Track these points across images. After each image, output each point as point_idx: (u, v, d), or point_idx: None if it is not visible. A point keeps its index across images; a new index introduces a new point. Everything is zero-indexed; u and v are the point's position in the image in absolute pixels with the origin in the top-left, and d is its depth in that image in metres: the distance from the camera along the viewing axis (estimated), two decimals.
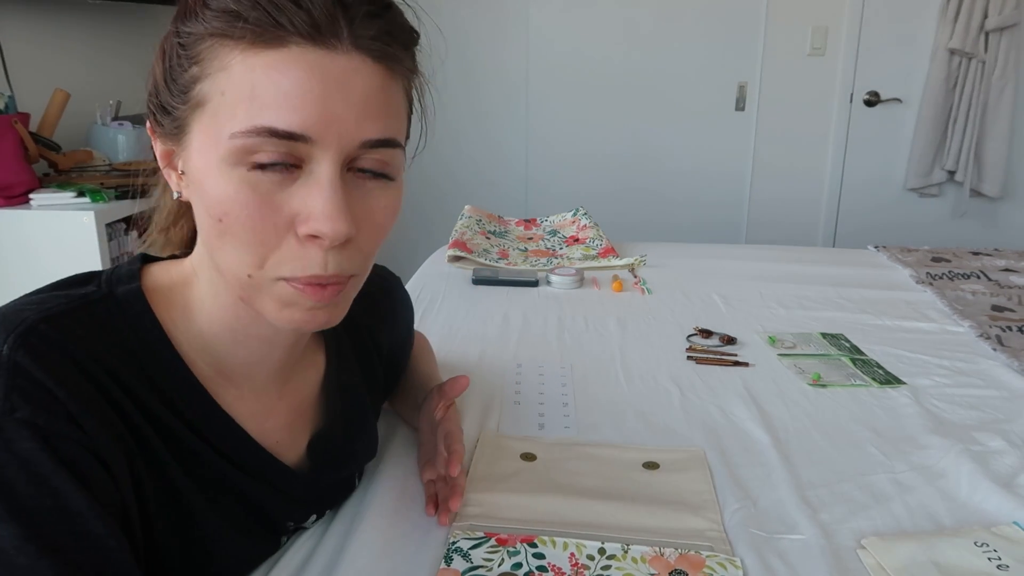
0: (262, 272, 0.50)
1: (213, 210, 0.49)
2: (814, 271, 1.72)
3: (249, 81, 0.47)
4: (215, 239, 0.50)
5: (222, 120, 0.48)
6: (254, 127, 0.47)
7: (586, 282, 1.62)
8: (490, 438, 0.91)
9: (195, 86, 0.49)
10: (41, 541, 0.43)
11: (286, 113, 0.47)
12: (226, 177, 0.48)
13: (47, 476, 0.44)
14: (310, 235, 0.49)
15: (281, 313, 0.52)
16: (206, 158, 0.49)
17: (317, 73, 0.47)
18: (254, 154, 0.47)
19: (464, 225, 1.88)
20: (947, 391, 1.09)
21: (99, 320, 0.52)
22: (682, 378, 1.12)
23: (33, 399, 0.46)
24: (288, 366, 0.65)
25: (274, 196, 0.48)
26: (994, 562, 0.69)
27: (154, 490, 0.53)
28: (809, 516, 0.77)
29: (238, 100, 0.47)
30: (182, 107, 0.50)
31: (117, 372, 0.51)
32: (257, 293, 0.52)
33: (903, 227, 3.00)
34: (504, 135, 3.13)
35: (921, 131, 2.87)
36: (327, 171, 0.48)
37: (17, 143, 1.65)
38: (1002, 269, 1.72)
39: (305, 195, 0.49)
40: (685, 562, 0.68)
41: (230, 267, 0.51)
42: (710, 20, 2.91)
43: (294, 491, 0.66)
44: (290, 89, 0.47)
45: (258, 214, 0.48)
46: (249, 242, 0.49)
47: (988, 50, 2.73)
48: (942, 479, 0.85)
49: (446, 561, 0.68)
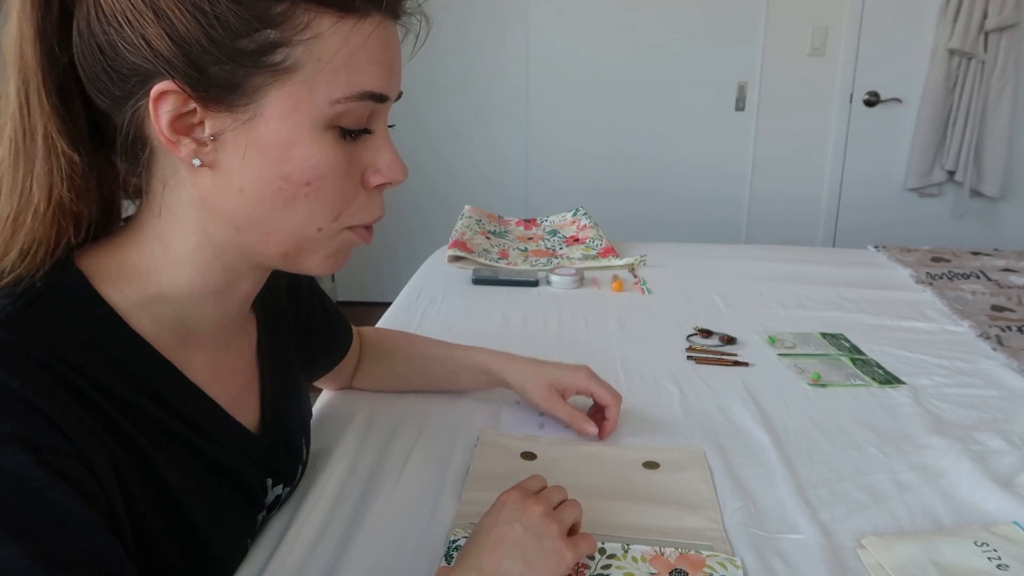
0: (335, 224, 0.55)
1: (300, 175, 0.52)
2: (814, 271, 1.72)
3: (347, 49, 0.50)
4: (281, 202, 0.52)
5: (319, 86, 0.50)
6: (358, 92, 0.51)
7: (586, 282, 1.62)
8: (490, 437, 0.91)
9: (277, 51, 0.48)
10: (47, 558, 0.41)
11: (380, 78, 0.53)
12: (320, 142, 0.52)
13: (44, 491, 0.43)
14: (383, 183, 0.56)
15: (328, 261, 0.57)
16: (295, 124, 0.50)
17: (393, 42, 0.54)
18: (346, 118, 0.52)
19: (464, 225, 1.88)
20: (947, 391, 1.09)
21: (50, 315, 0.49)
22: (682, 378, 1.12)
23: (12, 412, 0.43)
24: (240, 322, 0.66)
25: (355, 156, 0.54)
26: (994, 562, 0.69)
27: (140, 487, 0.52)
28: (809, 516, 0.77)
29: (337, 67, 0.50)
30: (250, 70, 0.48)
31: (83, 367, 0.49)
32: (315, 246, 0.56)
33: (903, 227, 3.01)
34: (504, 135, 3.13)
35: (921, 131, 2.87)
36: (385, 127, 0.56)
37: None
38: (1002, 269, 1.72)
39: (373, 150, 0.55)
40: (685, 562, 0.69)
41: (293, 226, 0.54)
42: (710, 20, 2.92)
43: (255, 455, 0.65)
44: (380, 56, 0.52)
45: (346, 174, 0.54)
46: (335, 200, 0.54)
47: (988, 50, 2.74)
48: (942, 479, 0.85)
49: (446, 560, 0.68)
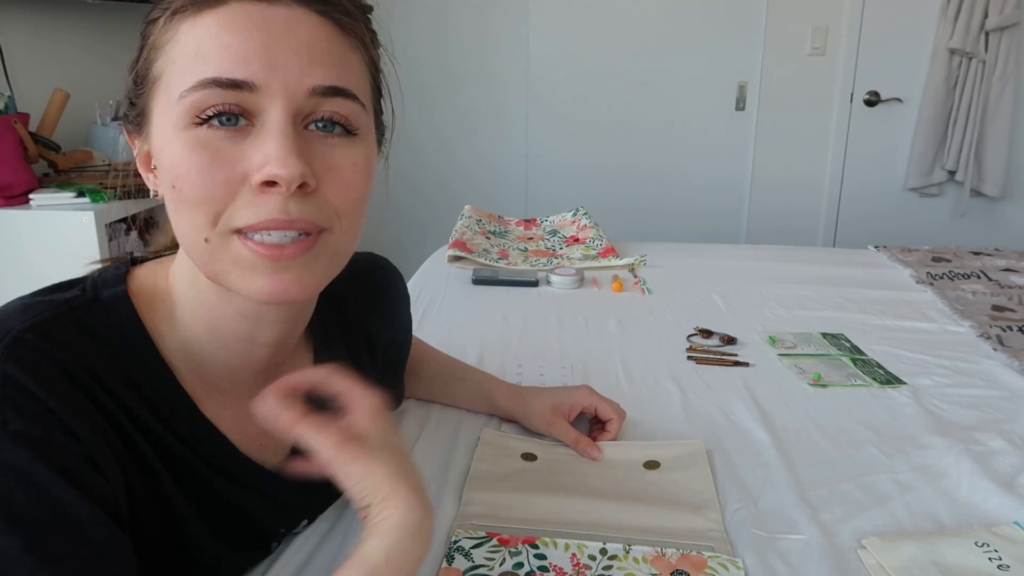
0: (216, 230, 0.49)
1: (168, 178, 0.49)
2: (814, 271, 1.72)
3: (193, 42, 0.48)
4: (173, 212, 0.51)
5: (172, 87, 0.49)
6: (199, 81, 0.47)
7: (586, 282, 1.62)
8: (491, 438, 0.91)
9: (152, 68, 0.51)
10: (42, 551, 0.42)
11: (229, 63, 0.47)
12: (178, 141, 0.48)
13: (46, 486, 0.44)
14: (265, 182, 0.48)
15: (246, 282, 0.50)
16: (163, 130, 0.50)
17: (257, 23, 0.48)
18: (202, 109, 0.48)
19: (464, 225, 1.88)
20: (947, 391, 1.09)
21: (84, 326, 0.52)
22: (682, 378, 1.12)
23: (26, 411, 0.45)
24: (274, 366, 0.62)
25: (225, 152, 0.48)
26: (994, 562, 0.69)
27: (145, 497, 0.53)
28: (809, 516, 0.76)
29: (185, 62, 0.48)
30: (143, 92, 0.52)
31: (105, 379, 0.50)
32: (220, 264, 0.50)
33: (903, 227, 3.00)
34: (504, 134, 3.13)
35: (921, 131, 2.87)
36: (276, 118, 0.48)
37: (17, 143, 1.65)
38: (1002, 269, 1.72)
39: (258, 145, 0.48)
40: (687, 563, 0.68)
41: (189, 239, 0.50)
42: (710, 20, 2.91)
43: (280, 496, 0.65)
44: (231, 41, 0.48)
45: (207, 170, 0.48)
46: (202, 199, 0.48)
47: (988, 50, 2.73)
48: (943, 479, 0.85)
49: (447, 560, 0.68)
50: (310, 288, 0.53)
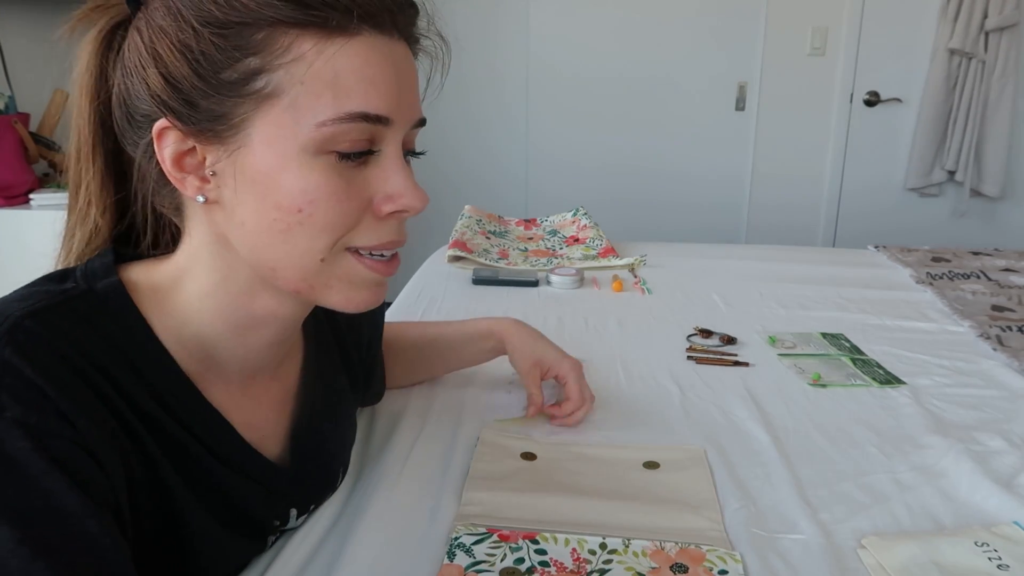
0: (333, 251, 0.53)
1: (291, 202, 0.50)
2: (814, 271, 1.72)
3: (331, 69, 0.49)
4: (278, 233, 0.51)
5: (303, 110, 0.49)
6: (346, 114, 0.49)
7: (586, 282, 1.62)
8: (490, 437, 0.91)
9: (258, 78, 0.49)
10: (35, 543, 0.42)
11: (374, 99, 0.50)
12: (308, 167, 0.50)
13: (38, 477, 0.44)
14: (396, 211, 0.53)
15: (349, 296, 0.55)
16: (280, 151, 0.50)
17: (389, 59, 0.51)
18: (339, 141, 0.50)
19: (464, 225, 1.88)
20: (947, 391, 1.09)
21: (83, 315, 0.51)
22: (682, 378, 1.12)
23: (24, 398, 0.45)
24: (280, 357, 0.65)
25: (356, 180, 0.52)
26: (994, 562, 0.69)
27: (144, 485, 0.53)
28: (809, 516, 0.77)
29: (322, 89, 0.49)
30: (235, 100, 0.49)
31: (105, 367, 0.50)
32: (325, 279, 0.54)
33: (903, 227, 3.00)
34: (504, 134, 3.13)
35: (921, 131, 2.87)
36: (397, 150, 0.53)
37: (17, 143, 1.66)
38: (1002, 269, 1.72)
39: (381, 176, 0.53)
40: (686, 556, 0.69)
41: (295, 258, 0.52)
42: (710, 20, 2.91)
43: (275, 485, 0.65)
44: (374, 75, 0.50)
45: (345, 197, 0.51)
46: (333, 226, 0.52)
47: (988, 50, 2.73)
48: (942, 479, 0.85)
49: (449, 556, 0.68)
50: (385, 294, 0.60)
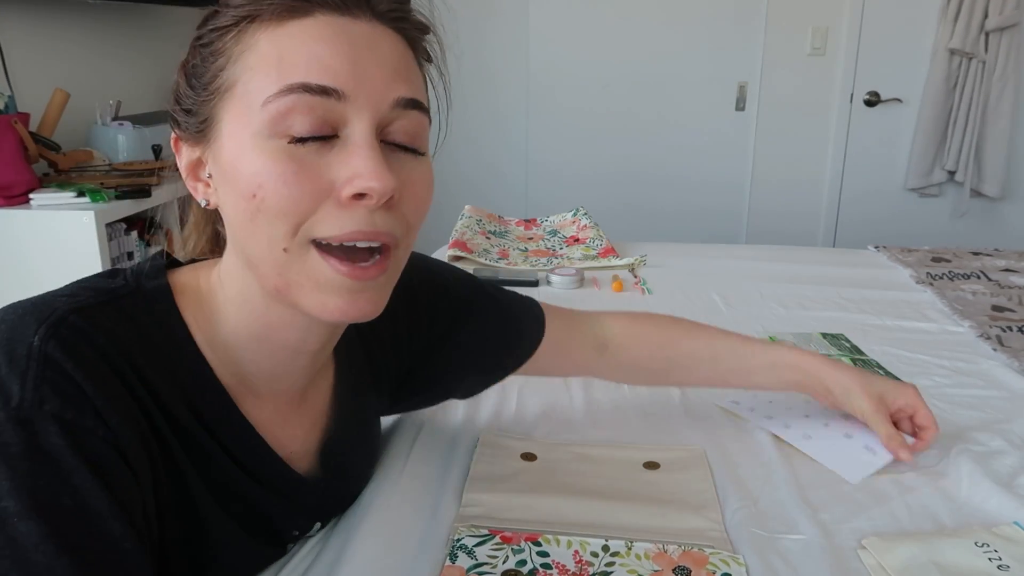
0: (296, 240, 0.49)
1: (247, 188, 0.48)
2: (814, 271, 1.71)
3: (276, 50, 0.48)
4: (247, 223, 0.49)
5: (253, 93, 0.48)
6: (287, 86, 0.47)
7: (586, 282, 1.62)
8: (490, 439, 0.91)
9: (220, 75, 0.50)
10: (61, 540, 0.42)
11: (317, 71, 0.47)
12: (260, 150, 0.48)
13: (70, 473, 0.44)
14: (356, 195, 0.48)
15: (323, 300, 0.50)
16: (239, 139, 0.49)
17: (344, 35, 0.49)
18: (289, 119, 0.47)
19: (464, 225, 1.88)
20: (947, 391, 1.09)
21: (127, 313, 0.52)
22: None
23: (63, 392, 0.45)
24: (310, 374, 0.63)
25: (311, 162, 0.48)
26: (994, 562, 0.69)
27: (169, 489, 0.53)
28: (809, 516, 0.76)
29: (268, 68, 0.48)
30: (208, 99, 0.51)
31: (142, 368, 0.51)
32: (296, 276, 0.50)
33: (903, 227, 3.00)
34: (504, 134, 3.13)
35: (921, 131, 2.87)
36: (364, 130, 0.49)
37: (17, 143, 1.66)
38: (1002, 269, 1.72)
39: (344, 158, 0.48)
40: (689, 559, 0.69)
41: (264, 250, 0.49)
42: (710, 21, 2.91)
43: (303, 500, 0.66)
44: (319, 51, 0.48)
45: (295, 180, 0.47)
46: (285, 211, 0.48)
47: (988, 50, 2.73)
48: (942, 479, 0.85)
49: (451, 558, 0.68)
50: (381, 306, 0.53)
